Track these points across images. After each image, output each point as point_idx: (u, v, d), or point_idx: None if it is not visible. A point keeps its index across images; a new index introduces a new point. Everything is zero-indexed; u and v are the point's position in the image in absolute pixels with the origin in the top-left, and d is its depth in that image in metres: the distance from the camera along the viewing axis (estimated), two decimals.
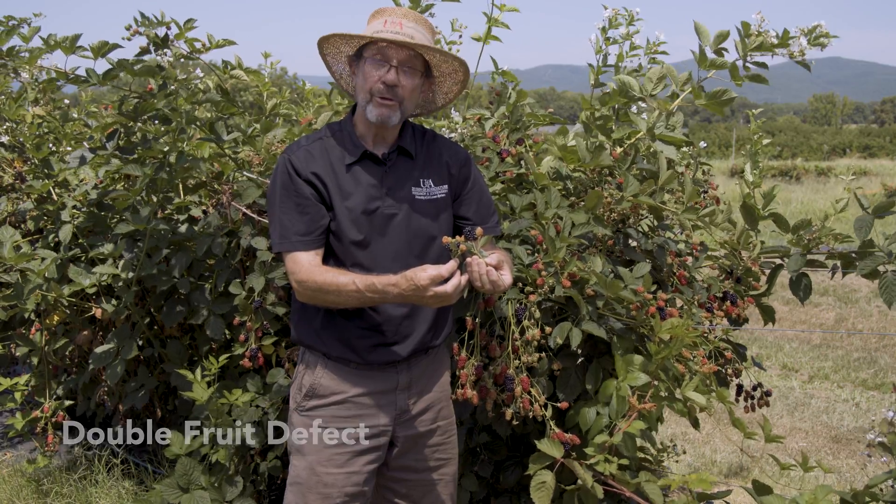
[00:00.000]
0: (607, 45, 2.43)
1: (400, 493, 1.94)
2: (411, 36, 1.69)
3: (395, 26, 1.70)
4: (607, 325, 2.01)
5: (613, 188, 2.21)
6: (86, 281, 2.61)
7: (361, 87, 1.73)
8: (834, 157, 35.13)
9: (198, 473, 2.27)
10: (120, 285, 2.60)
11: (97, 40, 2.33)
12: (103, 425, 3.56)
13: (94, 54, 2.34)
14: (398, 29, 1.69)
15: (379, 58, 1.69)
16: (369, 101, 1.71)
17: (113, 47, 2.35)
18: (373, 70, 1.70)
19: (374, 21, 1.75)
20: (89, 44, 2.33)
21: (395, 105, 1.71)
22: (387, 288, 1.59)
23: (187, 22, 2.49)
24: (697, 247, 2.43)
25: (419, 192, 1.80)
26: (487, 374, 1.95)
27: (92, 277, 2.61)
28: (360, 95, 1.74)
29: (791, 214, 13.13)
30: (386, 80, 1.69)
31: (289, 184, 1.73)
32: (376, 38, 1.67)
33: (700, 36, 2.20)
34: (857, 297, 7.55)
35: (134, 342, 2.66)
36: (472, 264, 1.58)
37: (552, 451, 1.84)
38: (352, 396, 1.81)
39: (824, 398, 4.89)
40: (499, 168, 2.34)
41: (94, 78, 2.33)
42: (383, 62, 1.69)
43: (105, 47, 2.33)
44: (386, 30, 1.69)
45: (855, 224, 2.02)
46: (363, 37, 1.71)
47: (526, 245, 2.11)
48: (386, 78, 1.69)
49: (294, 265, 1.71)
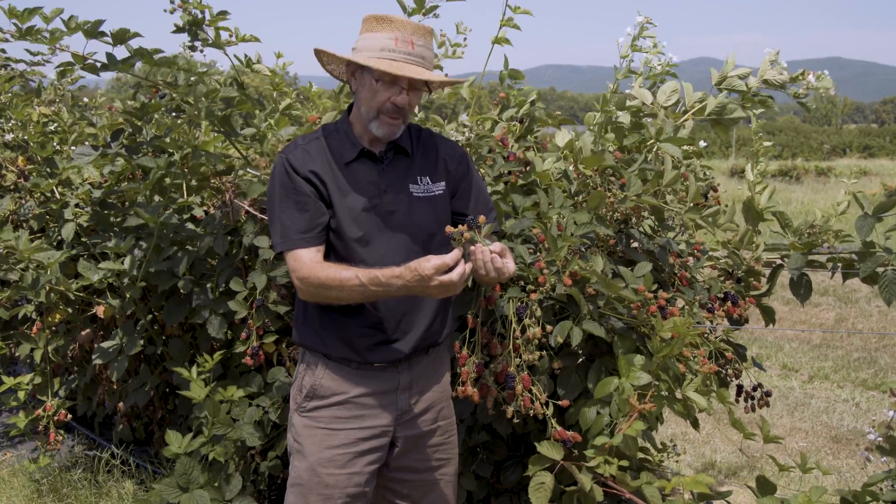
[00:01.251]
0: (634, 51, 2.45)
1: (400, 493, 1.94)
2: (422, 56, 1.69)
3: (406, 46, 1.67)
4: (608, 324, 2.02)
5: (616, 188, 2.21)
6: (95, 276, 2.63)
7: (367, 101, 1.72)
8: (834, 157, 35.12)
9: (197, 473, 2.27)
10: (126, 282, 2.62)
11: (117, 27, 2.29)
12: (104, 425, 3.57)
13: (114, 41, 2.31)
14: (410, 50, 1.67)
15: (388, 78, 1.68)
16: (376, 118, 1.72)
17: (133, 35, 2.32)
18: (383, 90, 1.69)
19: (378, 31, 1.69)
20: (110, 30, 2.29)
21: (400, 122, 1.74)
22: (390, 280, 1.59)
23: (220, 13, 2.50)
24: (699, 247, 2.43)
25: (417, 189, 1.80)
26: (488, 371, 1.95)
27: (100, 273, 2.63)
28: (363, 107, 1.73)
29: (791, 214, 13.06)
30: (397, 103, 1.69)
31: (287, 182, 1.73)
32: (397, 74, 1.64)
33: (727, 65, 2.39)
34: (857, 297, 7.55)
35: (138, 338, 2.67)
36: (475, 252, 1.58)
37: (552, 454, 1.84)
38: (353, 397, 1.81)
39: (824, 398, 4.89)
40: (503, 168, 2.35)
41: (112, 63, 2.30)
42: (394, 84, 1.69)
43: (126, 34, 2.30)
44: (398, 49, 1.66)
45: (856, 225, 2.02)
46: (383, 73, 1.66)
47: (528, 244, 2.11)
48: (397, 100, 1.69)
49: (296, 263, 1.71)
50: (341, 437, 1.80)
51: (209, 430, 2.33)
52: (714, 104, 2.32)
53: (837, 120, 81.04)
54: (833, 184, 19.32)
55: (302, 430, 1.84)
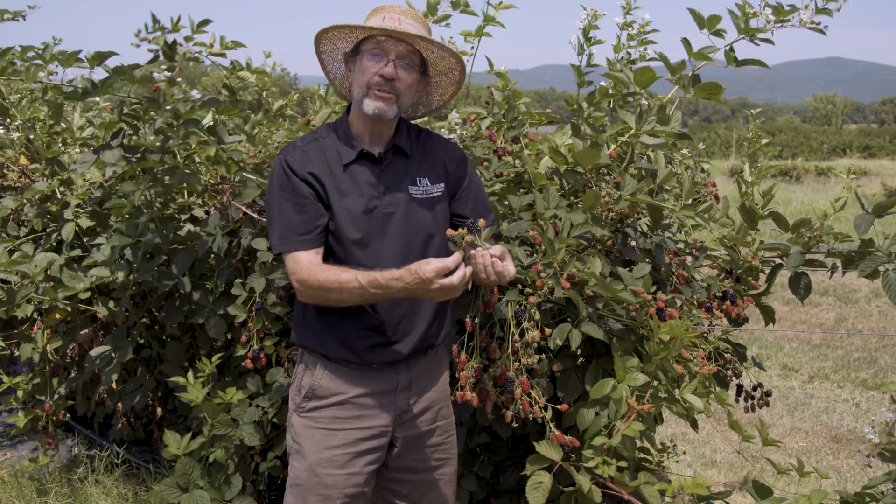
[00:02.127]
0: (589, 45, 2.43)
1: (400, 493, 1.94)
2: (406, 32, 1.70)
3: (393, 22, 1.71)
4: (607, 326, 2.01)
5: (611, 187, 2.20)
6: (79, 285, 2.60)
7: (358, 81, 1.73)
8: (834, 157, 35.09)
9: (197, 473, 2.27)
10: (116, 289, 2.60)
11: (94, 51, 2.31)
12: (103, 425, 3.57)
13: (91, 64, 2.31)
14: (396, 25, 1.70)
15: (377, 51, 1.70)
16: (366, 95, 1.71)
17: (109, 55, 2.31)
18: (371, 64, 1.70)
19: (372, 18, 1.76)
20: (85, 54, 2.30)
21: (392, 98, 1.71)
22: (390, 282, 1.59)
23: (201, 23, 2.44)
24: (696, 245, 2.43)
25: (416, 190, 1.80)
26: (487, 375, 1.95)
27: (86, 281, 2.61)
28: (356, 90, 1.74)
29: (791, 214, 13.10)
30: (384, 74, 1.69)
31: (286, 184, 1.73)
32: (375, 28, 1.68)
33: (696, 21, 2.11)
34: (857, 297, 7.55)
35: (130, 345, 2.65)
36: (476, 256, 1.58)
37: (551, 454, 1.84)
38: (352, 397, 1.81)
39: (824, 398, 4.89)
40: (498, 167, 2.34)
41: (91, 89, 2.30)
42: (381, 55, 1.70)
43: (102, 56, 2.30)
44: (384, 25, 1.69)
45: (855, 222, 2.01)
46: (363, 27, 1.71)
47: (525, 246, 2.11)
48: (384, 71, 1.69)
49: (295, 265, 1.71)
50: (340, 438, 1.80)
51: (209, 431, 2.33)
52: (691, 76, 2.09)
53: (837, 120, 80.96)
54: (833, 184, 19.30)
55: (301, 431, 1.84)
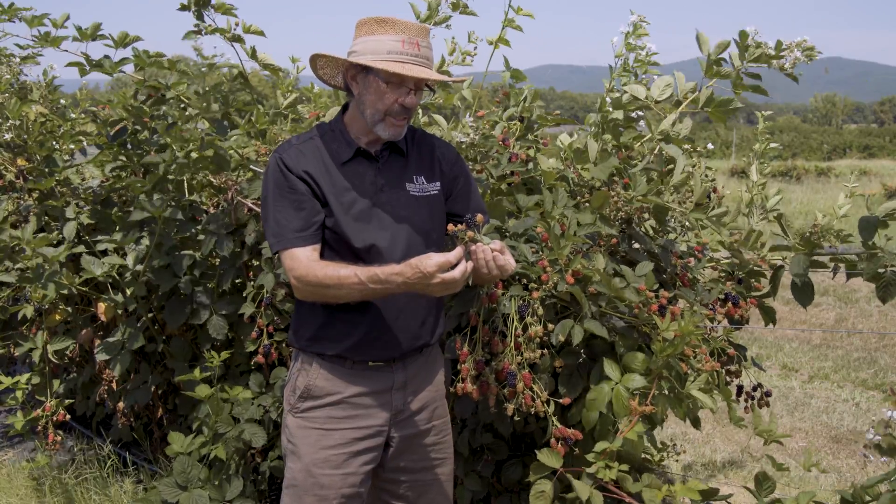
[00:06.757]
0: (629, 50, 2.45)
1: (396, 493, 1.93)
2: (426, 57, 1.70)
3: (413, 47, 1.68)
4: (610, 323, 2.01)
5: (620, 188, 2.21)
6: (98, 270, 2.64)
7: (373, 104, 1.71)
8: (834, 158, 35.11)
9: (196, 472, 2.27)
10: (128, 277, 2.62)
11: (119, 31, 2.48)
12: (103, 425, 3.56)
13: (116, 44, 2.44)
14: (416, 51, 1.68)
15: (397, 80, 1.69)
16: (382, 120, 1.72)
17: (135, 39, 2.46)
18: (390, 91, 1.69)
19: (381, 34, 1.68)
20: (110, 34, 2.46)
21: (406, 123, 1.75)
22: (390, 277, 1.58)
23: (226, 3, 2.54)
24: (700, 248, 2.43)
25: (413, 188, 1.80)
26: (489, 369, 1.95)
27: (104, 267, 2.64)
28: (369, 111, 1.72)
29: (791, 214, 13.13)
30: (405, 104, 1.70)
31: (282, 181, 1.72)
32: (410, 76, 1.65)
33: (700, 46, 2.26)
34: (857, 297, 7.56)
35: (140, 333, 2.67)
36: (477, 251, 1.58)
37: (551, 462, 1.84)
38: (347, 397, 1.80)
39: (824, 398, 4.89)
40: (506, 168, 2.35)
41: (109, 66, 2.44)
42: (401, 85, 1.69)
43: (127, 38, 2.44)
44: (405, 52, 1.66)
45: (859, 224, 2.00)
46: (402, 76, 1.67)
47: (531, 243, 2.11)
48: (406, 101, 1.70)
49: (292, 262, 1.70)
50: (336, 438, 1.79)
51: (211, 428, 2.32)
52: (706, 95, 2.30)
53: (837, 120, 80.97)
54: (833, 184, 19.32)
55: (296, 431, 1.83)
